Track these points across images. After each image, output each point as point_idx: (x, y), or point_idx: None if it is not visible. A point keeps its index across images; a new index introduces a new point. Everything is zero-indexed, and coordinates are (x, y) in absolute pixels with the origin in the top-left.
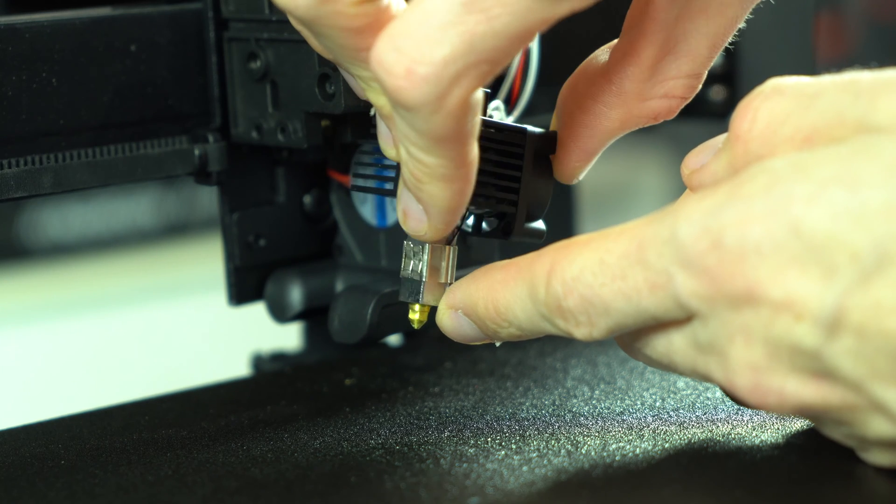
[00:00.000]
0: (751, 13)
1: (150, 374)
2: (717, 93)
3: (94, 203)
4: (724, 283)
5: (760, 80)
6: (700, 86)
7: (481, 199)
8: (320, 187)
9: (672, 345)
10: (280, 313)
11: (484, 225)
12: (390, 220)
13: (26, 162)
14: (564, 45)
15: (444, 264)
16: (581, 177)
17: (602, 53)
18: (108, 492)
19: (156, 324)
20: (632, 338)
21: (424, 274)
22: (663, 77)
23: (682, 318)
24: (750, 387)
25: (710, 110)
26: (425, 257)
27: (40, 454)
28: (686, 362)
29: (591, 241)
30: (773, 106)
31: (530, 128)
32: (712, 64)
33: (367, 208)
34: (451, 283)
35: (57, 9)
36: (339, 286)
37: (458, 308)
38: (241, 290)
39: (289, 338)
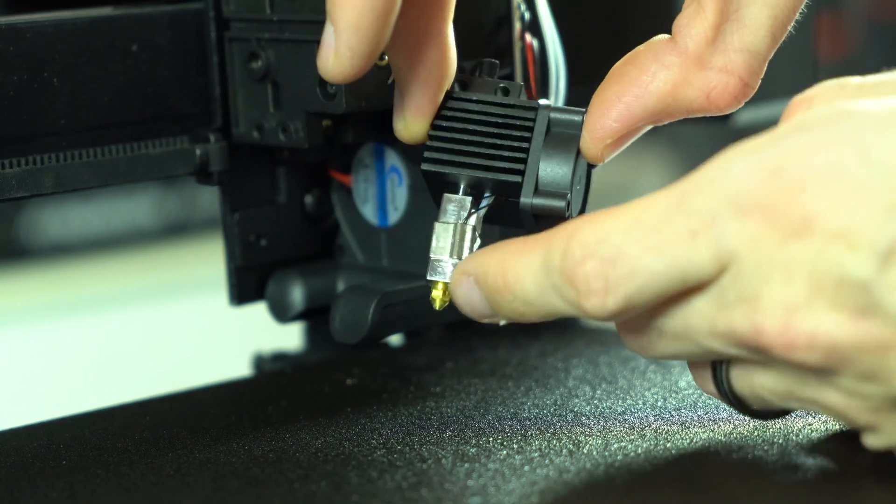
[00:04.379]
0: None
1: (151, 375)
2: None
3: (94, 203)
4: (777, 215)
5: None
6: (761, 73)
7: (484, 169)
8: (321, 187)
9: (691, 310)
10: (281, 313)
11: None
12: (392, 220)
13: (27, 162)
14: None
15: (450, 241)
16: (610, 155)
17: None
18: (110, 492)
19: (156, 324)
20: (642, 318)
21: (431, 249)
22: (724, 47)
23: (710, 277)
24: (780, 328)
25: None
26: (434, 233)
27: (42, 454)
28: (703, 324)
29: (623, 207)
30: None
31: (553, 105)
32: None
33: (368, 208)
34: None
35: (57, 9)
36: (341, 286)
37: (470, 275)
38: (243, 290)
39: (290, 338)
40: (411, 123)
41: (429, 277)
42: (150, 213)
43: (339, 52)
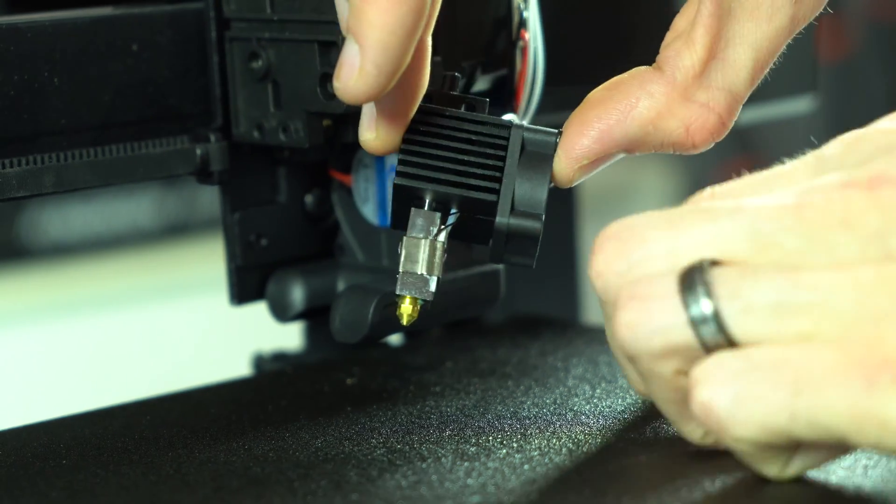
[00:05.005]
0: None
1: (152, 374)
2: None
3: (94, 203)
4: None
5: (761, 80)
6: (736, 114)
7: (458, 186)
8: (322, 187)
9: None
10: (281, 313)
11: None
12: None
13: (28, 161)
14: (571, 46)
15: (421, 257)
16: (580, 178)
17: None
18: (110, 491)
19: (157, 324)
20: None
21: (400, 263)
22: (708, 83)
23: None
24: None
25: None
26: (401, 249)
27: (42, 454)
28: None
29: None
30: None
31: (525, 124)
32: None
33: (368, 208)
34: (435, 277)
35: (58, 8)
36: (341, 286)
37: None
38: (243, 289)
39: (290, 337)
40: (384, 133)
41: (399, 292)
42: (150, 213)
43: (365, 70)
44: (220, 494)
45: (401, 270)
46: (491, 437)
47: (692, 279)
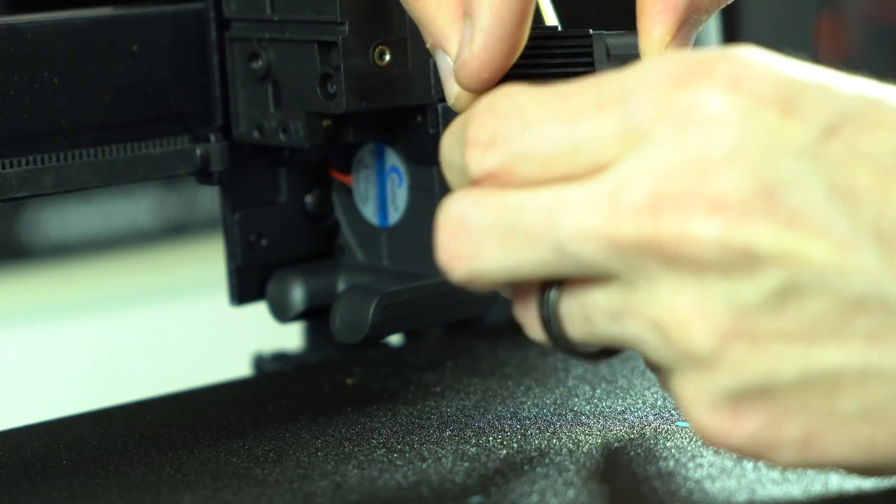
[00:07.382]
0: (752, 13)
1: (152, 375)
2: None
3: (94, 203)
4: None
5: None
6: None
7: None
8: (322, 187)
9: (569, 193)
10: (282, 313)
11: None
12: (392, 220)
13: (28, 162)
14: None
15: None
16: None
17: None
18: (110, 491)
19: (157, 324)
20: (490, 205)
21: None
22: None
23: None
24: (688, 186)
25: None
26: None
27: (42, 454)
28: (577, 215)
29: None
30: None
31: (605, 31)
32: None
33: (368, 208)
34: None
35: (58, 9)
36: (341, 286)
37: None
38: (243, 289)
39: (290, 338)
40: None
41: None
42: (150, 213)
43: (478, 48)
44: (220, 495)
45: None
46: (491, 438)
47: None
